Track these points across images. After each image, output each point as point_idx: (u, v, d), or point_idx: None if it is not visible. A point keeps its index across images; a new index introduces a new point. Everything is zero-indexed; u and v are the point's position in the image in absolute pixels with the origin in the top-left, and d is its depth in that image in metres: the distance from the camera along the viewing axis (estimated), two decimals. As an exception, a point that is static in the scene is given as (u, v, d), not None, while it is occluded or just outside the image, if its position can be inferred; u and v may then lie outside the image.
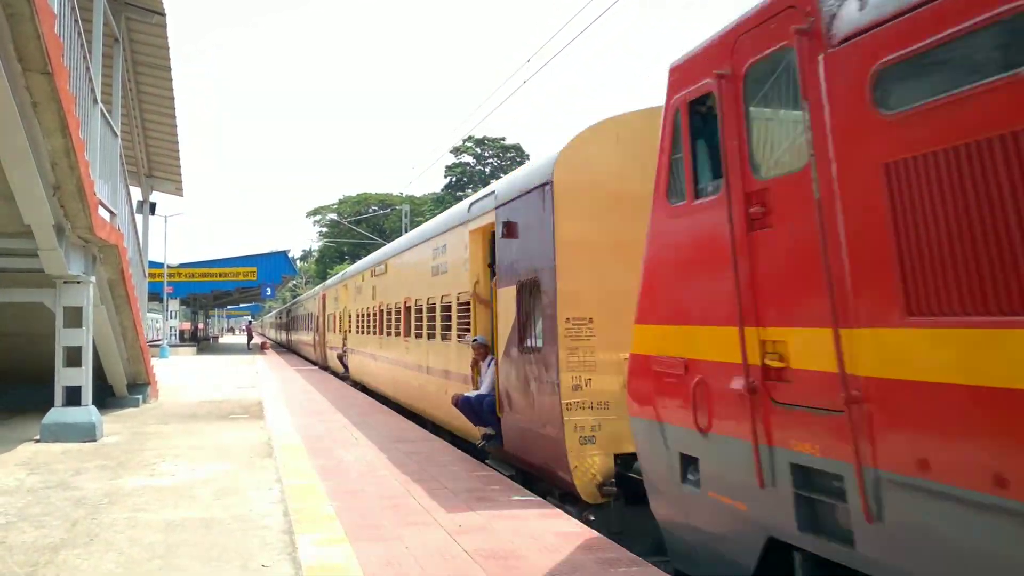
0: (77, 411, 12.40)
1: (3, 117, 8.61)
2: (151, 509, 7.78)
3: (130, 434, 13.01)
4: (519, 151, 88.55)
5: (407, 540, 6.57)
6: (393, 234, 73.99)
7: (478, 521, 7.17)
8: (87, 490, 8.69)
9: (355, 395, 20.38)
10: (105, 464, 10.28)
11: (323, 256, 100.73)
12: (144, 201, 24.73)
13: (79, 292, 12.41)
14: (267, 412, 15.93)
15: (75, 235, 11.72)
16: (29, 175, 9.60)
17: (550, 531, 6.80)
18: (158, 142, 22.94)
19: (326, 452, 11.03)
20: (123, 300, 15.01)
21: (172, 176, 25.28)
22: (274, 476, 9.35)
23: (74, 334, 12.48)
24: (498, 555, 6.11)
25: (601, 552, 6.17)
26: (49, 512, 7.66)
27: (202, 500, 8.17)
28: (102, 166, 12.94)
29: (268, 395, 19.86)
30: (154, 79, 19.47)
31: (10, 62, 8.29)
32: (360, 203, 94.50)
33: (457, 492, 8.42)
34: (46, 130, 9.51)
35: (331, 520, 7.23)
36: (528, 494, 8.36)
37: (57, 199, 10.60)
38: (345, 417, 15.15)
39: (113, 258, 13.91)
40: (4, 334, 14.65)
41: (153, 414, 15.86)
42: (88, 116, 11.72)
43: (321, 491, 8.49)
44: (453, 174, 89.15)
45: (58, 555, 6.22)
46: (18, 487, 8.86)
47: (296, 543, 6.46)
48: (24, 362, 15.30)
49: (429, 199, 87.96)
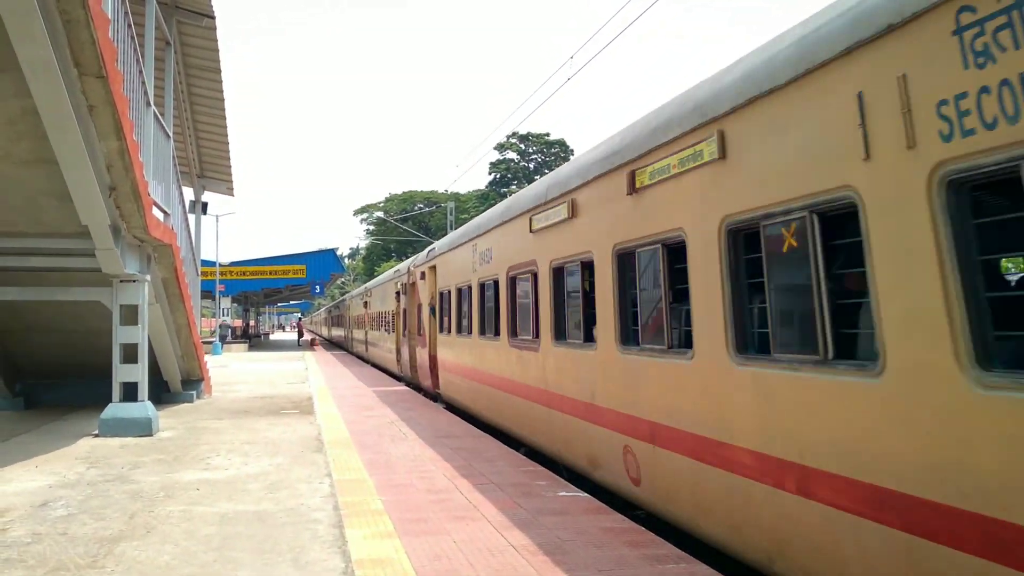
0: (134, 406, 12.72)
1: (60, 120, 8.86)
2: (206, 502, 7.96)
3: (185, 429, 13.30)
4: (563, 146, 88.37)
5: (455, 534, 6.62)
6: (439, 231, 74.31)
7: (524, 516, 7.19)
8: (144, 483, 8.91)
9: (402, 390, 20.52)
10: (161, 458, 10.53)
11: (370, 254, 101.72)
12: (196, 201, 25.19)
13: (135, 290, 12.72)
14: (316, 407, 16.15)
15: (130, 235, 12.01)
16: (86, 177, 9.86)
17: (596, 526, 6.80)
18: (209, 143, 23.37)
19: (374, 447, 11.15)
20: (177, 298, 15.33)
21: (223, 176, 25.72)
22: (324, 470, 9.48)
23: (130, 331, 12.79)
24: (544, 550, 6.12)
25: (647, 548, 6.14)
26: (108, 505, 7.88)
27: (255, 494, 8.33)
28: (155, 167, 13.22)
29: (317, 391, 20.12)
30: (205, 81, 19.85)
31: (67, 67, 8.53)
32: (406, 201, 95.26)
33: (503, 487, 8.45)
34: (101, 133, 9.76)
35: (380, 514, 7.31)
36: (575, 490, 8.36)
37: (113, 200, 10.87)
38: (393, 412, 15.29)
39: (167, 257, 14.22)
40: (62, 330, 15.06)
41: (207, 410, 16.19)
42: (142, 118, 11.98)
43: (370, 485, 8.59)
44: (497, 171, 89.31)
45: (117, 547, 6.39)
46: (78, 480, 9.13)
47: (346, 537, 6.55)
48: (81, 358, 15.74)
49: (474, 196, 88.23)
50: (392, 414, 15.05)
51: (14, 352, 15.80)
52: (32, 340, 15.48)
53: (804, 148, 4.92)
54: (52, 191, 10.49)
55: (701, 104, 6.27)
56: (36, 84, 8.30)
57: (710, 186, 6.07)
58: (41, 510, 7.68)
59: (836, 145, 4.62)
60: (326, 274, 53.34)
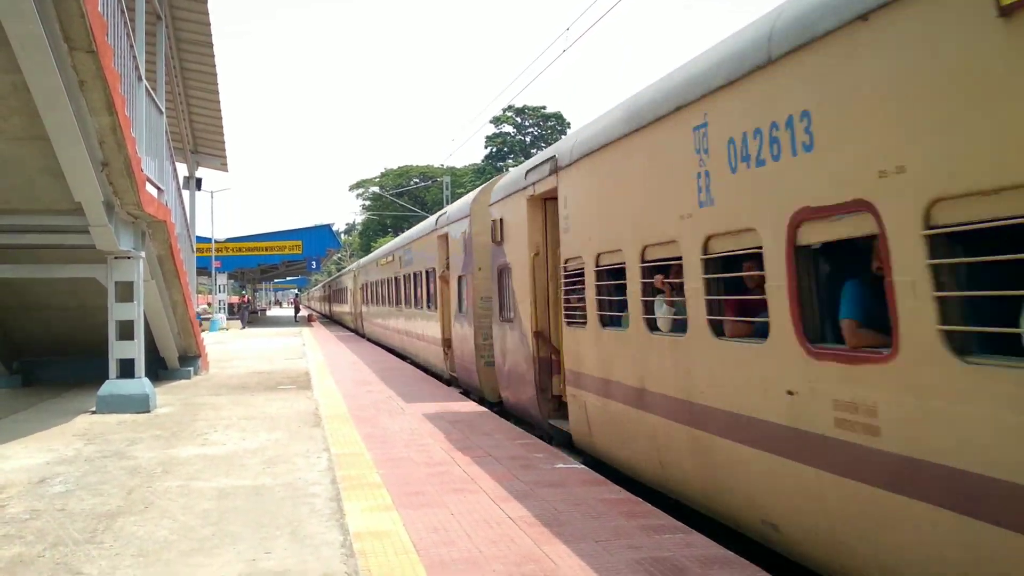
0: (131, 383, 12.73)
1: (51, 96, 8.78)
2: (204, 478, 7.98)
3: (182, 405, 13.32)
4: (560, 119, 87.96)
5: (453, 507, 6.65)
6: (435, 206, 74.12)
7: (522, 488, 7.22)
8: (142, 459, 8.93)
9: (402, 366, 20.57)
10: (159, 434, 10.55)
11: (366, 229, 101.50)
12: (190, 177, 25.10)
13: (129, 267, 12.68)
14: (314, 383, 16.19)
15: (124, 211, 11.95)
16: (78, 153, 9.79)
17: (594, 497, 6.83)
18: (202, 118, 23.23)
19: (372, 421, 11.18)
20: (172, 275, 15.30)
21: (217, 152, 25.60)
22: (322, 445, 9.52)
23: (126, 308, 12.77)
24: (542, 521, 6.15)
25: (644, 519, 6.18)
26: (106, 481, 7.90)
27: (252, 469, 8.35)
28: (148, 143, 13.14)
29: (314, 366, 20.15)
30: (197, 55, 19.67)
31: (56, 41, 8.44)
32: (402, 176, 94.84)
33: (501, 460, 8.48)
34: (93, 108, 9.68)
35: (378, 487, 7.34)
36: (572, 461, 8.39)
37: (106, 176, 10.81)
38: (390, 388, 15.32)
39: (161, 234, 14.17)
40: (59, 308, 15.04)
41: (204, 386, 16.21)
42: (133, 94, 11.88)
43: (368, 459, 8.62)
44: (493, 144, 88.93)
45: (115, 522, 6.42)
46: (76, 456, 9.15)
47: (344, 510, 6.58)
48: (78, 335, 15.73)
49: (470, 170, 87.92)
50: (388, 389, 15.08)
51: (11, 330, 15.79)
52: (29, 318, 15.46)
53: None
54: (45, 168, 10.41)
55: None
56: (26, 59, 8.22)
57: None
58: (39, 486, 7.70)
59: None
60: (322, 250, 53.26)
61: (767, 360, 5.35)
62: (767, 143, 5.26)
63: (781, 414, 5.17)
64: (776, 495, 5.33)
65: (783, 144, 5.09)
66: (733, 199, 5.74)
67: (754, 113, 5.41)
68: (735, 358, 5.81)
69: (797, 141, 4.95)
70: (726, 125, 5.77)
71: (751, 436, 5.54)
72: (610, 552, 5.39)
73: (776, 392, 5.21)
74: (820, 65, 4.76)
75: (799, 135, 4.93)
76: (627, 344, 7.64)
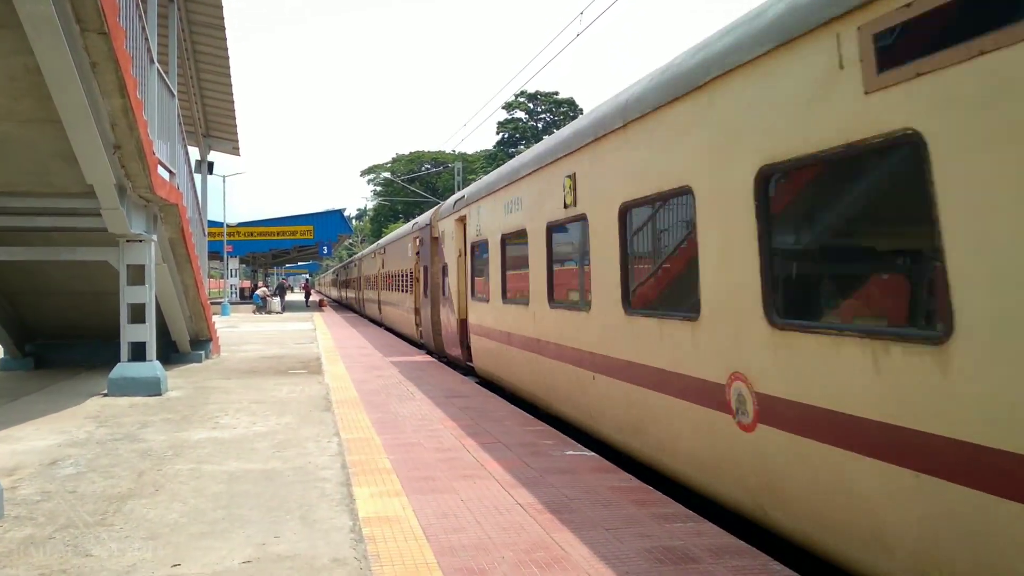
0: (142, 366, 12.77)
1: (63, 78, 8.75)
2: (214, 461, 7.99)
3: (193, 389, 13.36)
4: (572, 105, 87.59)
5: (462, 493, 6.64)
6: (446, 192, 74.04)
7: (532, 475, 7.20)
8: (153, 442, 8.96)
9: (397, 342, 20.58)
10: (170, 417, 10.58)
11: (377, 215, 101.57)
12: (202, 160, 25.11)
13: (141, 250, 12.70)
14: (324, 367, 16.21)
15: (136, 194, 11.95)
16: (90, 135, 9.77)
17: (604, 485, 6.81)
18: (214, 102, 23.20)
19: (382, 406, 11.18)
20: (184, 258, 15.32)
21: (229, 135, 25.58)
22: (332, 430, 9.52)
23: (137, 291, 12.80)
24: (551, 508, 6.13)
25: (655, 507, 6.15)
26: (117, 463, 7.92)
27: (263, 453, 8.36)
28: (160, 126, 13.12)
29: (325, 350, 20.18)
30: (209, 38, 19.63)
31: (68, 23, 8.40)
32: (413, 161, 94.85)
33: (511, 446, 8.47)
34: (105, 90, 9.65)
35: (388, 473, 7.33)
36: (582, 449, 8.37)
37: (117, 159, 10.79)
38: (400, 372, 15.33)
39: (173, 217, 14.17)
40: (71, 291, 15.10)
41: (215, 369, 16.26)
42: (145, 76, 11.85)
43: (378, 444, 8.62)
44: (505, 130, 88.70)
45: (126, 504, 6.43)
46: (88, 439, 9.18)
47: (354, 495, 6.58)
48: (90, 319, 15.80)
49: (481, 156, 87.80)
50: (399, 374, 15.08)
51: (24, 313, 15.87)
52: (41, 301, 15.53)
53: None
54: (57, 151, 10.40)
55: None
56: (38, 41, 8.18)
57: None
58: (50, 468, 7.73)
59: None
60: (333, 235, 53.31)
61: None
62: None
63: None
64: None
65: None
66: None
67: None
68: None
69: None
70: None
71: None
72: (620, 540, 5.37)
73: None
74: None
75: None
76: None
